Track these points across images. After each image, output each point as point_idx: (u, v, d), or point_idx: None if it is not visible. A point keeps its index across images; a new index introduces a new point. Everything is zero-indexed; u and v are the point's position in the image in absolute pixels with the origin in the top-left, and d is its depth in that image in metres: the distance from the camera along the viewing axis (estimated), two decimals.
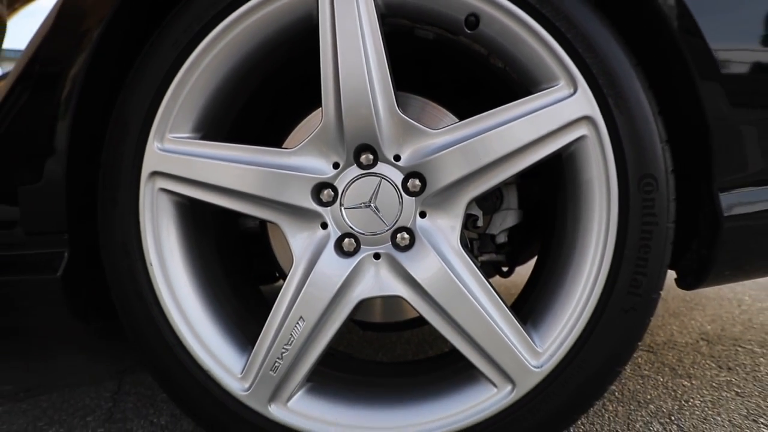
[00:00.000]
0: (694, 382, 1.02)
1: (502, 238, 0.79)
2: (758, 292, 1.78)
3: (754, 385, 1.00)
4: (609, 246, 0.65)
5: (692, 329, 1.36)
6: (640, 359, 1.15)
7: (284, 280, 0.76)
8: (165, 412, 1.00)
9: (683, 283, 0.77)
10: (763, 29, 0.66)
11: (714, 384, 1.01)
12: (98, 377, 1.21)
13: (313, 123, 0.81)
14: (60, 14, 0.75)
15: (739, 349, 1.20)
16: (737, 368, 1.08)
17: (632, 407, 0.92)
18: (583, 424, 0.86)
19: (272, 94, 0.87)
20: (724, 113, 0.65)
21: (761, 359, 1.13)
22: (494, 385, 0.67)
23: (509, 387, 0.67)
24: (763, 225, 0.69)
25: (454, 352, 0.76)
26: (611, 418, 0.88)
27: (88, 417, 1.00)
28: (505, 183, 0.74)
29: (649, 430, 0.84)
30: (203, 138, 0.73)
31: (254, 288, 0.96)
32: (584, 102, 0.64)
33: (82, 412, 1.02)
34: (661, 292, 0.66)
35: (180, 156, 0.70)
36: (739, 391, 0.97)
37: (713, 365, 1.11)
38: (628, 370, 1.09)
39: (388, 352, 1.28)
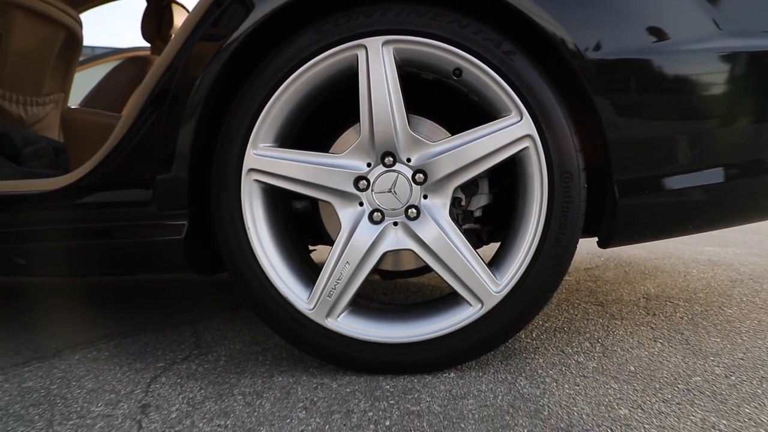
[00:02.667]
0: (623, 321, 1.45)
1: (478, 213, 1.22)
2: (706, 267, 2.21)
3: (667, 323, 1.42)
4: (542, 216, 1.07)
5: (638, 291, 1.79)
6: (590, 309, 1.58)
7: (330, 245, 1.19)
8: (237, 342, 1.43)
9: (600, 243, 1.20)
10: (647, 96, 1.07)
11: (637, 322, 1.43)
12: (174, 324, 1.63)
13: (348, 136, 1.23)
14: (192, 55, 1.16)
15: (668, 303, 1.63)
16: (659, 314, 1.51)
17: (573, 335, 1.34)
18: (535, 343, 1.29)
19: (321, 114, 1.29)
20: (618, 135, 1.07)
21: (680, 308, 1.56)
22: (470, 304, 1.10)
23: (480, 305, 1.09)
24: (643, 204, 1.10)
25: (445, 296, 1.19)
26: (557, 340, 1.31)
27: (182, 345, 1.42)
28: (480, 176, 1.16)
29: (581, 346, 1.26)
30: (280, 146, 1.15)
31: (306, 250, 1.39)
32: (527, 126, 1.06)
33: (175, 344, 1.45)
34: (576, 246, 1.08)
35: (268, 158, 1.12)
36: (653, 327, 1.40)
37: (643, 312, 1.53)
38: (578, 315, 1.51)
39: None
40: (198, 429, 0.92)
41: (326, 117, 1.33)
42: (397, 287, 1.97)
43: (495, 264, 1.14)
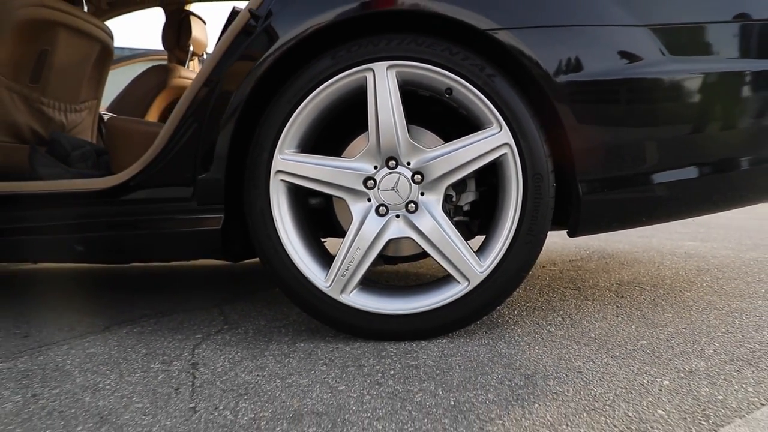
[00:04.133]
0: (594, 302, 1.71)
1: (466, 208, 1.48)
2: (680, 258, 2.47)
3: (630, 303, 1.69)
4: (518, 209, 1.33)
5: (613, 278, 2.05)
6: (567, 293, 1.84)
7: (339, 237, 1.45)
8: (261, 319, 1.69)
9: (569, 233, 1.46)
10: (604, 111, 1.33)
11: (606, 302, 1.70)
12: (202, 306, 1.89)
13: (358, 142, 1.49)
14: (229, 72, 1.42)
15: (637, 288, 1.89)
16: (627, 296, 1.77)
17: (548, 312, 1.61)
18: (516, 318, 1.55)
19: (336, 125, 1.54)
20: (582, 145, 1.33)
21: (646, 292, 1.82)
22: (459, 282, 1.36)
23: (467, 283, 1.35)
24: (602, 200, 1.36)
25: (439, 278, 1.45)
26: (534, 316, 1.57)
27: (213, 322, 1.69)
28: (468, 177, 1.42)
29: (554, 320, 1.52)
30: (302, 151, 1.42)
31: (320, 239, 1.65)
32: (505, 136, 1.32)
33: (207, 321, 1.71)
34: (546, 234, 1.34)
35: (292, 162, 1.38)
36: (618, 306, 1.66)
37: (613, 295, 1.79)
38: (556, 297, 1.78)
39: None
40: (242, 378, 1.19)
41: (339, 126, 1.59)
42: (398, 275, 2.24)
43: (481, 250, 1.40)
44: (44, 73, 2.02)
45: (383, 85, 1.35)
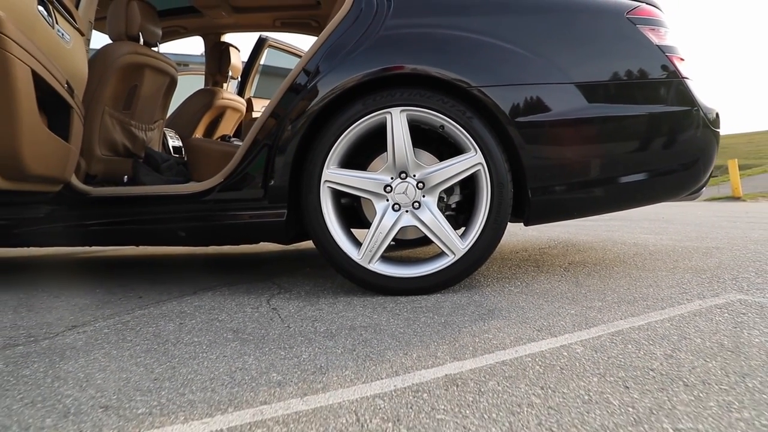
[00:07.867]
0: (546, 274, 2.49)
1: (453, 205, 2.26)
2: (627, 247, 3.26)
3: (572, 275, 2.46)
4: (487, 207, 2.10)
5: (567, 260, 2.83)
6: (529, 269, 2.62)
7: (362, 228, 2.22)
8: (306, 286, 2.45)
9: (524, 223, 2.24)
10: (546, 140, 2.10)
11: (554, 274, 2.47)
12: (256, 279, 2.65)
13: (378, 161, 2.26)
14: (292, 110, 2.19)
15: (581, 265, 2.67)
16: (572, 270, 2.55)
17: (511, 280, 2.38)
18: (488, 283, 2.32)
19: (363, 147, 2.31)
20: (531, 163, 2.10)
21: (587, 268, 2.60)
22: (448, 255, 2.13)
23: (453, 256, 2.13)
24: (545, 200, 2.13)
25: (435, 255, 2.23)
26: (501, 282, 2.34)
27: (271, 288, 2.45)
28: (455, 184, 2.19)
29: (514, 284, 2.30)
30: (341, 167, 2.19)
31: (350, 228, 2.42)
32: (479, 158, 2.09)
33: (266, 287, 2.47)
34: (507, 223, 2.12)
35: (336, 174, 2.15)
36: (563, 276, 2.44)
37: (561, 270, 2.57)
38: (520, 272, 2.55)
39: None
40: (310, 314, 1.95)
41: (364, 148, 2.36)
42: (403, 258, 3.01)
43: (463, 234, 2.18)
44: (133, 102, 2.77)
45: (398, 123, 2.12)
